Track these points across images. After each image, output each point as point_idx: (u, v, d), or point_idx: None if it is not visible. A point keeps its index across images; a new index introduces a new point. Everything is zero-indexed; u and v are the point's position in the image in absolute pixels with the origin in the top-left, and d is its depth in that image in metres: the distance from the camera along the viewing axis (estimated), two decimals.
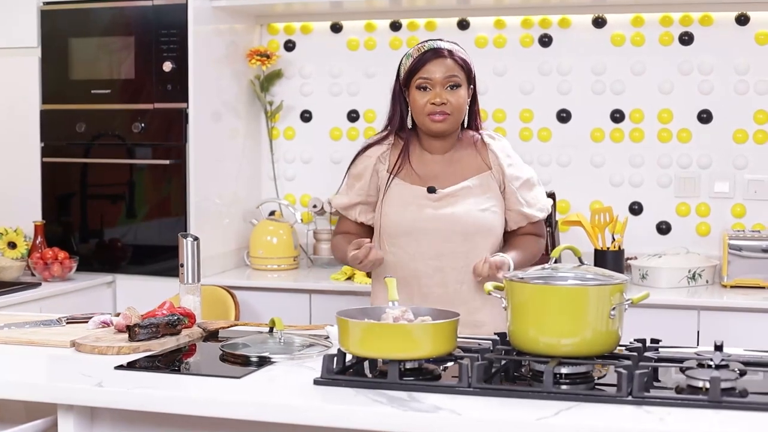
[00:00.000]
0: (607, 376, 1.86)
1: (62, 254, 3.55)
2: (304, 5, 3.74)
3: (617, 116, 3.67)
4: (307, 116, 4.01)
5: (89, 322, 2.34)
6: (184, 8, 3.53)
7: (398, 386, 1.76)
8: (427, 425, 1.64)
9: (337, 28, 3.94)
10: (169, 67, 3.57)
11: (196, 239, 2.47)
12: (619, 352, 1.91)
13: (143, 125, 3.61)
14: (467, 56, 2.54)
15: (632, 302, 1.85)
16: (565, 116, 3.73)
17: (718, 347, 1.89)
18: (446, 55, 2.49)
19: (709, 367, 1.77)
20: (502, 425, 1.61)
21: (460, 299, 2.47)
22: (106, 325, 2.33)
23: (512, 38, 3.75)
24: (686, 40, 3.59)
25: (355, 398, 1.73)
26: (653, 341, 2.03)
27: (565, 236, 3.63)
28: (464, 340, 2.08)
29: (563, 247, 1.95)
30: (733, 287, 3.29)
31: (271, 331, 2.18)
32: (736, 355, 1.92)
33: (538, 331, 1.83)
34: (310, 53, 3.98)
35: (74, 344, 2.16)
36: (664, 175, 3.64)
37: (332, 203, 2.65)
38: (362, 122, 3.94)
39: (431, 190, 2.51)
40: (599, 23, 3.67)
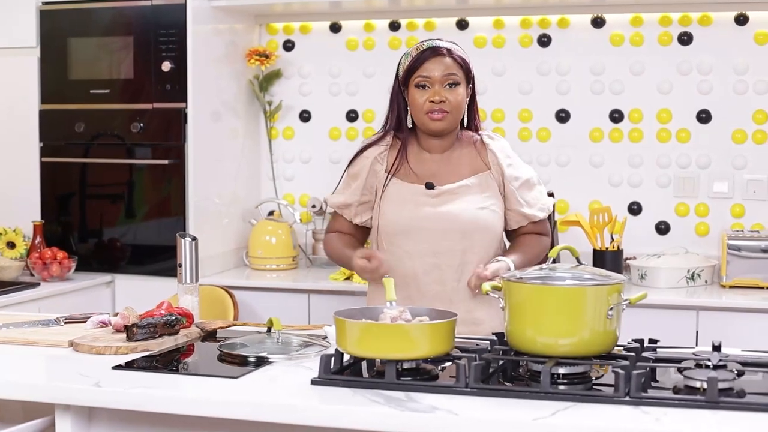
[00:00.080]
0: (604, 376, 1.86)
1: (61, 254, 3.55)
2: (303, 5, 3.74)
3: (616, 116, 3.67)
4: (306, 116, 4.01)
5: (87, 322, 2.34)
6: (183, 8, 3.53)
7: (395, 386, 1.76)
8: (423, 425, 1.64)
9: (336, 28, 3.94)
10: (168, 66, 3.57)
11: (194, 239, 2.47)
12: (616, 352, 1.91)
13: (142, 125, 3.61)
14: (466, 55, 2.54)
15: (630, 302, 1.85)
16: (564, 116, 3.73)
17: (716, 347, 1.88)
18: (445, 53, 2.49)
19: (706, 367, 1.77)
20: (498, 425, 1.61)
21: (457, 297, 2.47)
22: (104, 325, 2.33)
23: (511, 38, 3.75)
24: (685, 40, 3.59)
25: (352, 398, 1.73)
26: (651, 341, 2.03)
27: (564, 236, 3.63)
28: (462, 340, 2.08)
29: (561, 247, 1.95)
30: (732, 287, 3.29)
31: (269, 331, 2.18)
32: (734, 355, 1.92)
33: (535, 331, 1.82)
34: (309, 53, 3.98)
35: (72, 344, 2.16)
36: (663, 175, 3.64)
37: (328, 201, 2.65)
38: (361, 122, 3.94)
39: (429, 186, 2.51)
40: (598, 23, 3.66)
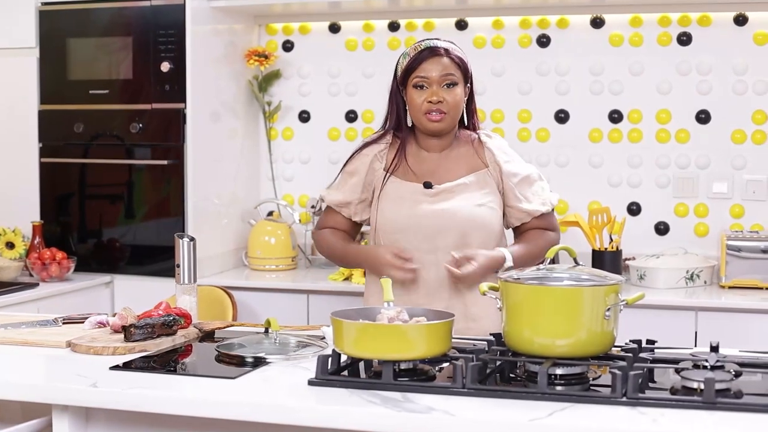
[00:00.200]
0: (602, 377, 1.85)
1: (60, 254, 3.55)
2: (302, 5, 3.74)
3: (615, 116, 3.67)
4: (305, 116, 4.01)
5: (85, 322, 2.34)
6: (182, 8, 3.53)
7: (392, 387, 1.76)
8: (420, 426, 1.64)
9: (335, 28, 3.94)
10: (167, 67, 3.57)
11: (192, 239, 2.46)
12: (614, 353, 1.90)
13: (141, 125, 3.62)
14: (464, 55, 2.54)
15: (627, 303, 1.85)
16: (563, 117, 3.72)
17: (713, 348, 1.88)
18: (443, 53, 2.49)
19: (704, 368, 1.77)
20: (495, 426, 1.61)
21: (456, 293, 2.48)
22: (102, 325, 2.33)
23: (510, 38, 3.74)
24: (684, 40, 3.59)
25: (349, 399, 1.73)
26: (649, 342, 2.03)
27: (563, 237, 3.59)
28: (459, 340, 2.08)
29: (558, 247, 1.95)
30: (731, 288, 3.29)
31: (266, 331, 2.18)
32: (731, 356, 1.92)
33: (532, 331, 1.82)
34: (308, 53, 3.98)
35: (70, 344, 2.16)
36: (662, 175, 3.63)
37: (325, 198, 2.63)
38: (360, 122, 3.94)
39: (427, 185, 2.51)
40: (597, 23, 3.66)
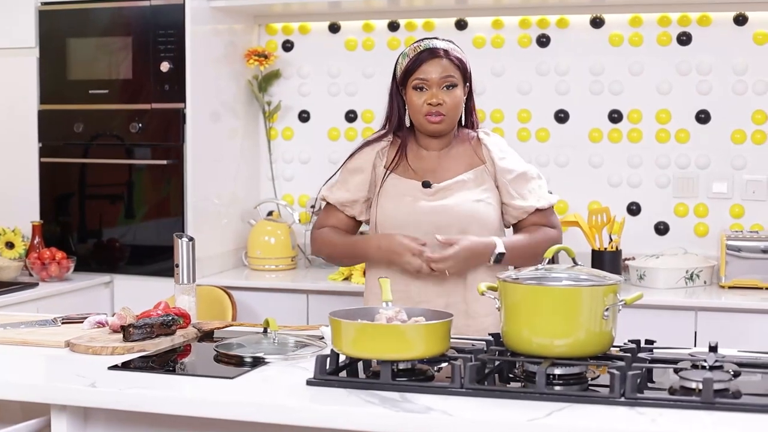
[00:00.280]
0: (600, 377, 1.85)
1: (60, 254, 3.55)
2: (302, 5, 3.73)
3: (615, 116, 3.67)
4: (305, 116, 4.01)
5: (84, 322, 2.34)
6: (181, 8, 3.53)
7: (390, 387, 1.76)
8: (418, 426, 1.64)
9: (335, 28, 3.94)
10: (166, 67, 3.57)
11: (191, 239, 2.46)
12: (612, 353, 1.90)
13: (141, 125, 3.61)
14: (463, 55, 2.54)
15: (625, 303, 1.85)
16: (563, 116, 3.72)
17: (712, 348, 1.88)
18: (442, 55, 2.49)
19: (702, 368, 1.77)
20: (493, 426, 1.61)
21: (455, 290, 2.48)
22: (101, 325, 2.33)
23: (510, 38, 3.74)
24: (684, 40, 3.58)
25: (347, 399, 1.72)
26: (648, 342, 2.03)
27: (563, 237, 3.62)
28: (458, 340, 2.08)
29: (557, 247, 1.95)
30: (731, 288, 3.28)
31: (265, 331, 2.18)
32: (730, 356, 1.92)
33: (531, 331, 1.82)
34: (308, 53, 3.98)
35: (69, 344, 2.16)
36: (662, 175, 3.63)
37: (328, 197, 2.62)
38: (360, 122, 3.94)
39: (426, 184, 2.52)
40: (597, 23, 3.66)
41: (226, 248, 3.80)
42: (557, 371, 1.81)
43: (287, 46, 4.00)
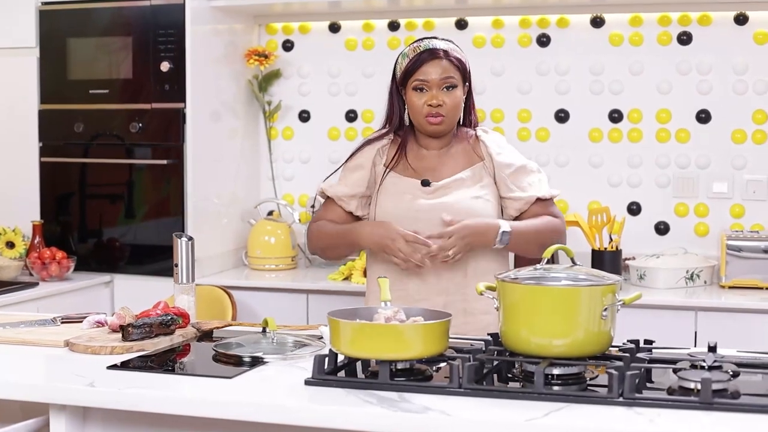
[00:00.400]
0: (599, 377, 1.85)
1: (60, 254, 3.55)
2: (302, 5, 3.74)
3: (615, 116, 3.66)
4: (305, 116, 4.01)
5: (84, 321, 2.34)
6: (181, 8, 3.53)
7: (389, 387, 1.76)
8: (417, 426, 1.63)
9: (335, 28, 3.94)
10: (166, 67, 3.57)
11: (190, 239, 2.46)
12: (611, 353, 1.90)
13: (141, 125, 3.62)
14: (462, 55, 2.54)
15: (624, 303, 1.85)
16: (563, 116, 3.72)
17: (711, 348, 1.88)
18: (442, 56, 2.49)
19: (701, 368, 1.76)
20: (491, 426, 1.61)
21: (454, 288, 2.48)
22: (100, 324, 2.33)
23: (510, 38, 3.74)
24: (685, 39, 3.58)
25: (345, 399, 1.72)
26: (647, 342, 2.03)
27: None
28: (456, 340, 2.07)
29: (555, 247, 1.95)
30: (731, 288, 3.28)
31: (264, 331, 2.18)
32: (729, 356, 1.91)
33: (529, 331, 1.82)
34: (308, 53, 3.98)
35: (68, 344, 2.16)
36: (662, 175, 3.63)
37: (327, 191, 2.62)
38: (360, 122, 3.94)
39: (425, 183, 2.52)
40: (597, 23, 3.66)
41: (226, 248, 3.80)
42: (556, 371, 1.80)
43: (287, 45, 4.00)
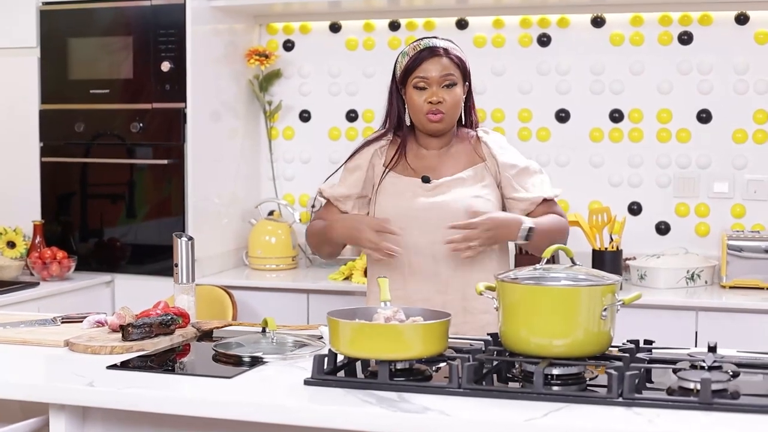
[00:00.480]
0: (598, 377, 1.85)
1: (61, 254, 3.55)
2: (302, 5, 3.74)
3: (616, 116, 3.66)
4: (305, 116, 4.01)
5: (84, 321, 2.34)
6: (182, 8, 3.53)
7: (388, 387, 1.76)
8: (416, 426, 1.63)
9: (335, 27, 3.94)
10: (167, 67, 3.57)
11: (190, 239, 2.47)
12: (611, 353, 1.90)
13: (142, 125, 3.62)
14: (462, 53, 2.54)
15: (624, 303, 1.85)
16: (563, 116, 3.72)
17: (711, 348, 1.88)
18: (442, 54, 2.49)
19: (701, 368, 1.76)
20: (491, 426, 1.61)
21: (454, 286, 2.48)
22: (101, 324, 2.33)
23: (511, 38, 3.74)
24: (685, 39, 3.58)
25: (344, 399, 1.72)
26: (647, 342, 2.02)
27: None
28: (456, 340, 2.07)
29: (555, 247, 1.94)
30: (732, 288, 3.28)
31: (263, 331, 2.18)
32: (729, 356, 1.91)
33: (529, 331, 1.82)
34: (308, 53, 3.98)
35: (68, 344, 2.16)
36: (663, 175, 3.63)
37: (324, 192, 2.63)
38: (361, 122, 3.94)
39: (426, 179, 2.52)
40: (598, 23, 3.66)
41: (226, 248, 3.80)
42: (555, 371, 1.80)
43: (288, 45, 4.00)
